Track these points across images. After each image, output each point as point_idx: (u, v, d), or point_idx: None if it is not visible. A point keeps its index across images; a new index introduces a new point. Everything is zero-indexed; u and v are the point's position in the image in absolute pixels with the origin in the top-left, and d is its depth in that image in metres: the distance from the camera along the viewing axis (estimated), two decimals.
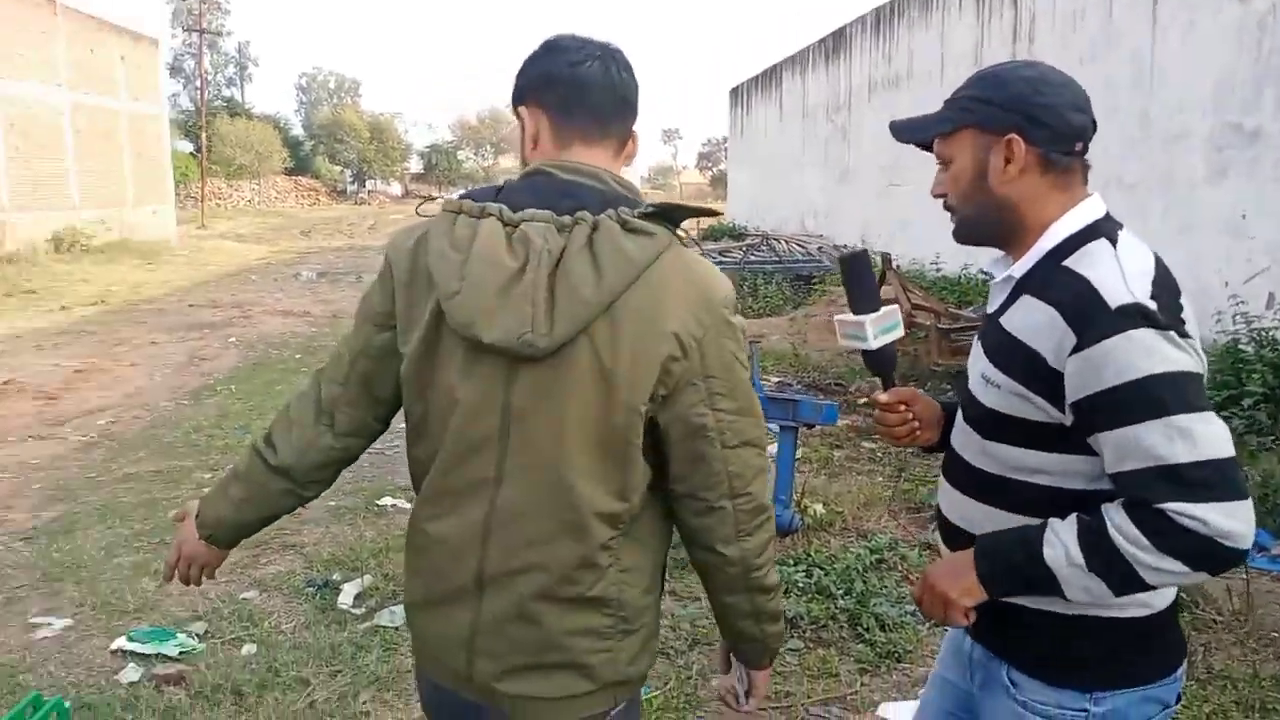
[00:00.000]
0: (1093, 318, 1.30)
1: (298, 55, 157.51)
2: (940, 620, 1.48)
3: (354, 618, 3.83)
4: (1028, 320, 1.38)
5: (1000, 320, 1.45)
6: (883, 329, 1.62)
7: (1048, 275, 1.40)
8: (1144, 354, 1.27)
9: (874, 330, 1.61)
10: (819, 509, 4.81)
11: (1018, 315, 1.41)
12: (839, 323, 1.67)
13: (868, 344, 1.62)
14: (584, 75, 1.40)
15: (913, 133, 1.55)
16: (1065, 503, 1.38)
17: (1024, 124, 1.40)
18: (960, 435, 1.56)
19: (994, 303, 1.51)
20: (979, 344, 1.52)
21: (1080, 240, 1.40)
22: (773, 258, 14.77)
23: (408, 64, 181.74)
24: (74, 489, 5.61)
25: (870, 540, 4.45)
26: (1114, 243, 1.37)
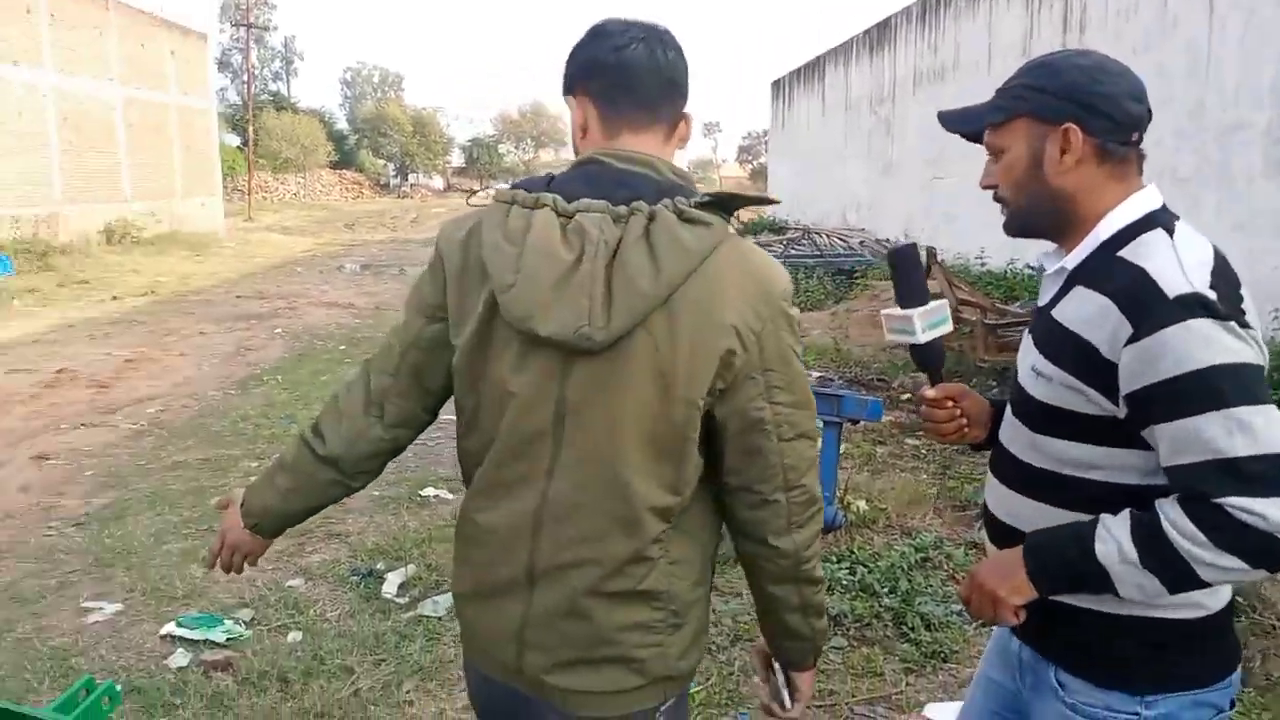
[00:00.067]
0: (1150, 307, 1.27)
1: (342, 49, 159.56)
2: (989, 620, 1.46)
3: (397, 607, 3.86)
4: (1081, 311, 1.36)
5: (1052, 312, 1.42)
6: (931, 323, 1.60)
7: (1102, 266, 1.37)
8: (1203, 344, 1.24)
9: (922, 324, 1.59)
10: (862, 506, 4.76)
11: (1070, 306, 1.39)
12: (886, 317, 1.65)
13: (915, 338, 1.59)
14: (628, 59, 1.37)
15: (963, 123, 1.52)
16: (1117, 498, 1.35)
17: (1081, 113, 1.38)
18: (1009, 429, 1.53)
19: (1045, 295, 1.49)
20: (1029, 337, 1.49)
21: (1136, 231, 1.37)
22: (814, 251, 14.67)
23: (451, 58, 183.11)
24: (125, 476, 5.72)
25: (915, 538, 4.39)
26: (1171, 233, 1.35)
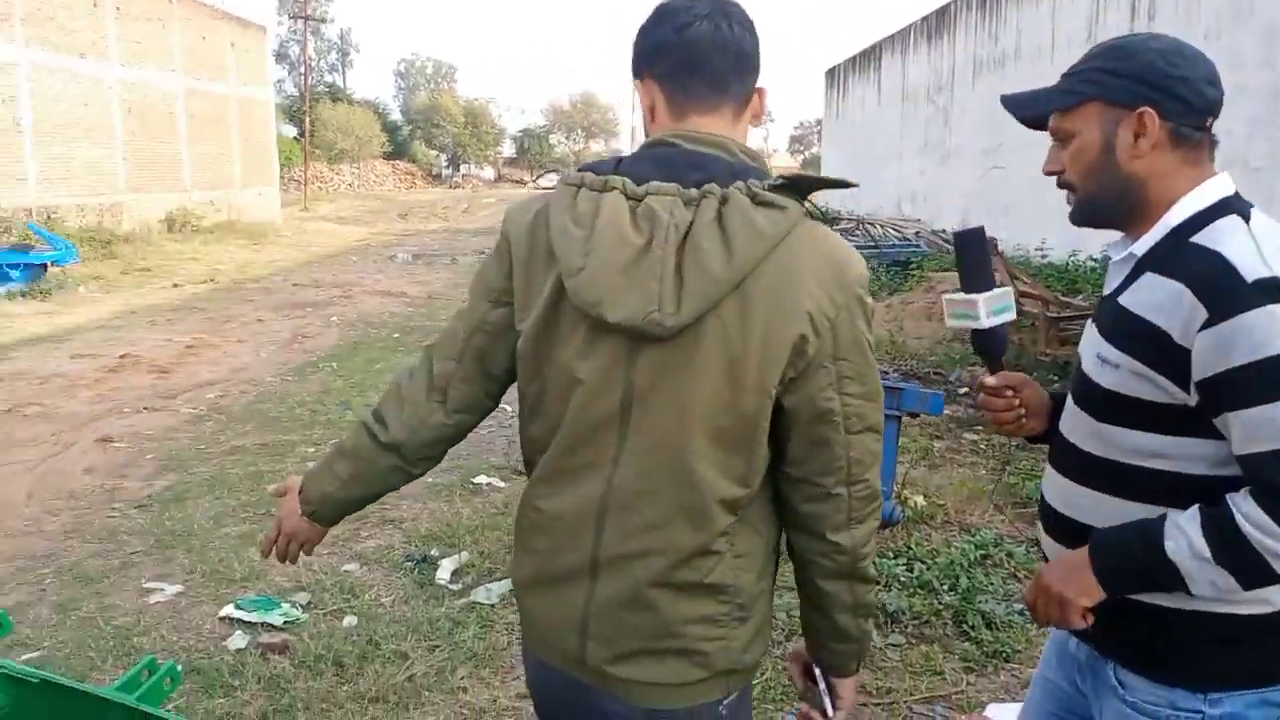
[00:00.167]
0: (1227, 292, 1.24)
1: (397, 41, 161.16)
2: (1057, 623, 1.42)
3: (451, 593, 3.88)
4: (1152, 297, 1.33)
5: (1119, 299, 1.39)
6: (996, 309, 1.56)
7: (1174, 251, 1.34)
8: None
9: (987, 309, 1.55)
10: (920, 501, 4.67)
11: (1140, 293, 1.36)
12: (948, 301, 1.61)
13: (979, 323, 1.56)
14: (692, 38, 1.33)
15: (1029, 106, 1.48)
16: (1183, 489, 1.32)
17: (1157, 97, 1.35)
18: (1069, 419, 1.50)
19: (1111, 283, 1.46)
20: (1093, 326, 1.47)
21: (1209, 217, 1.34)
22: (869, 242, 14.43)
23: (503, 48, 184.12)
24: (185, 460, 5.83)
25: (975, 535, 4.29)
26: (1247, 219, 1.32)
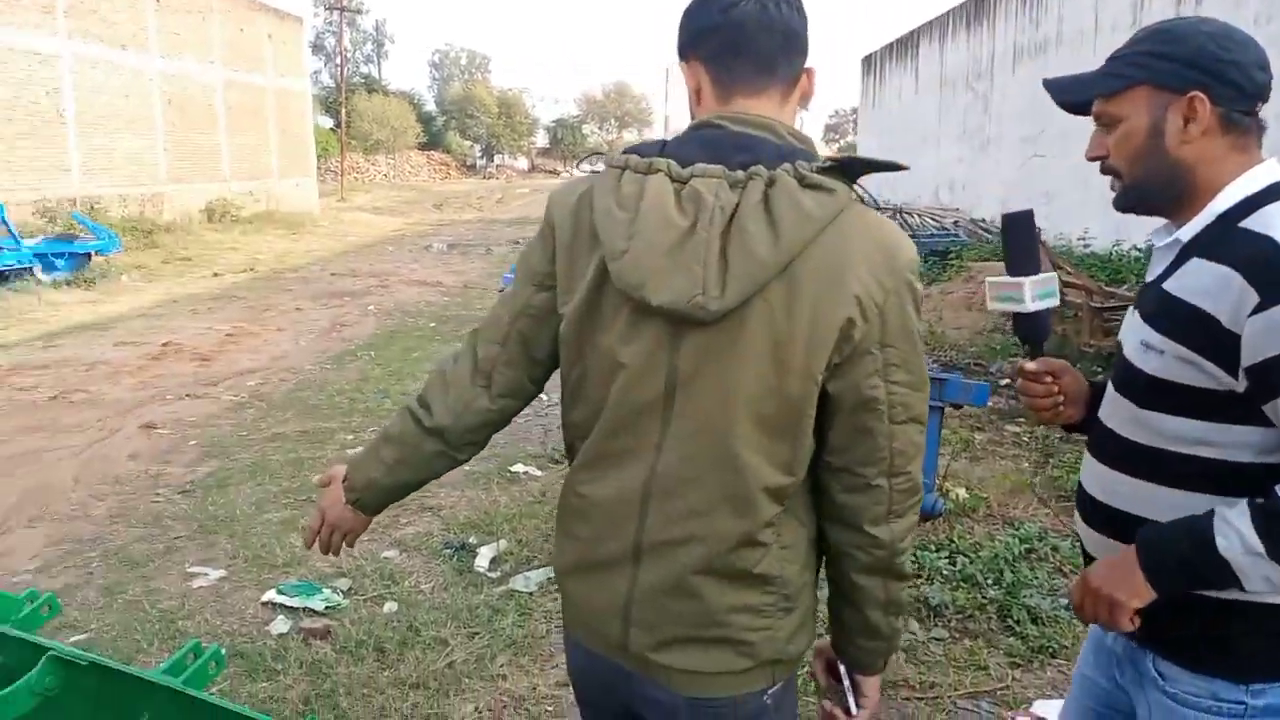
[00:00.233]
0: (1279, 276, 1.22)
1: (431, 32, 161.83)
2: (1106, 626, 1.38)
3: (489, 581, 3.88)
4: (1199, 282, 1.31)
5: (1164, 285, 1.38)
6: (1041, 293, 1.54)
7: (1222, 237, 1.33)
8: None
9: (1032, 292, 1.53)
10: (962, 494, 4.61)
11: (1186, 278, 1.34)
12: (991, 284, 1.59)
13: (1024, 306, 1.53)
14: (738, 18, 1.30)
15: (1073, 91, 1.46)
16: (1226, 476, 1.30)
17: (1208, 81, 1.33)
18: (1109, 406, 1.47)
19: (1155, 269, 1.44)
20: (1135, 313, 1.45)
21: (1259, 202, 1.32)
22: (906, 231, 14.26)
23: (537, 38, 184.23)
24: (227, 446, 5.89)
25: (1018, 529, 4.22)
26: None
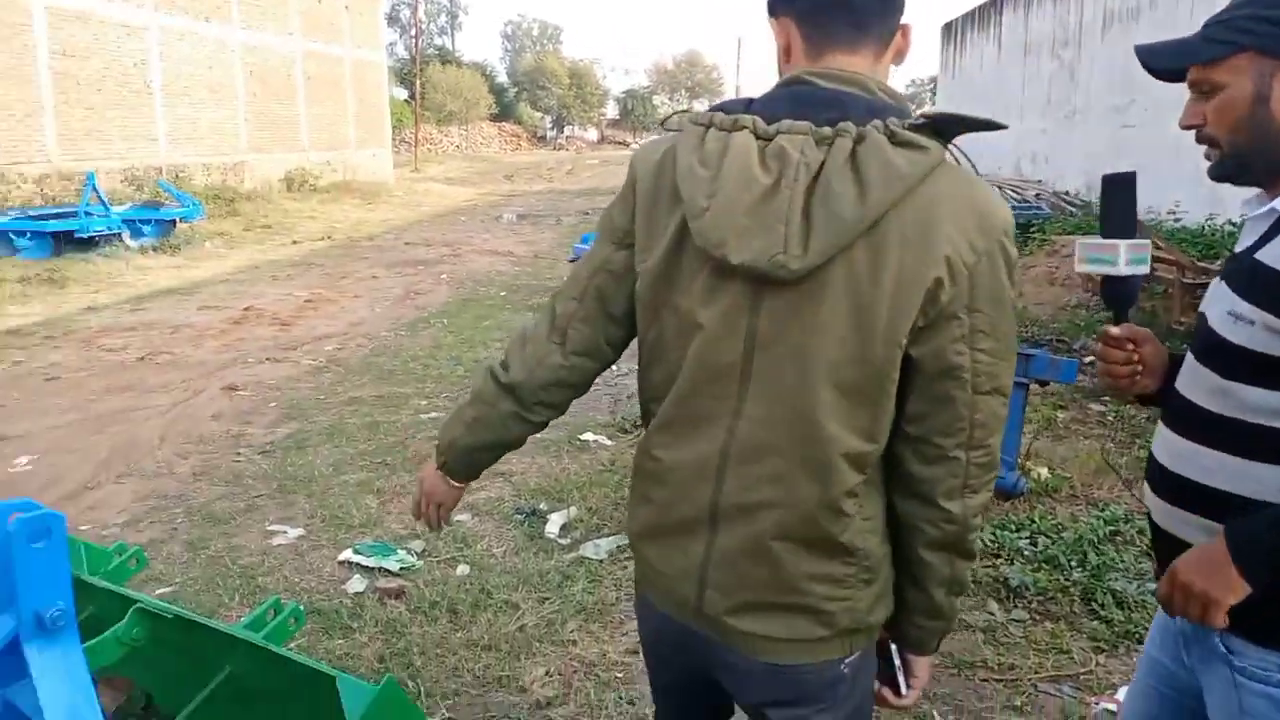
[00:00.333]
0: None
1: (503, 3, 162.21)
2: (1198, 621, 1.32)
3: (560, 547, 3.90)
4: None
5: (1257, 255, 1.33)
6: (1135, 258, 1.49)
7: None
8: None
9: (1127, 255, 1.47)
10: (1044, 473, 4.47)
11: None
12: (1083, 245, 1.53)
13: (1117, 268, 1.48)
14: None
15: (1171, 57, 1.39)
16: None
17: None
18: (1188, 376, 1.43)
19: (1246, 240, 1.41)
20: (1222, 283, 1.41)
21: None
22: None
23: (607, 9, 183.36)
24: (305, 409, 6.02)
25: (1103, 510, 4.07)
26: None
